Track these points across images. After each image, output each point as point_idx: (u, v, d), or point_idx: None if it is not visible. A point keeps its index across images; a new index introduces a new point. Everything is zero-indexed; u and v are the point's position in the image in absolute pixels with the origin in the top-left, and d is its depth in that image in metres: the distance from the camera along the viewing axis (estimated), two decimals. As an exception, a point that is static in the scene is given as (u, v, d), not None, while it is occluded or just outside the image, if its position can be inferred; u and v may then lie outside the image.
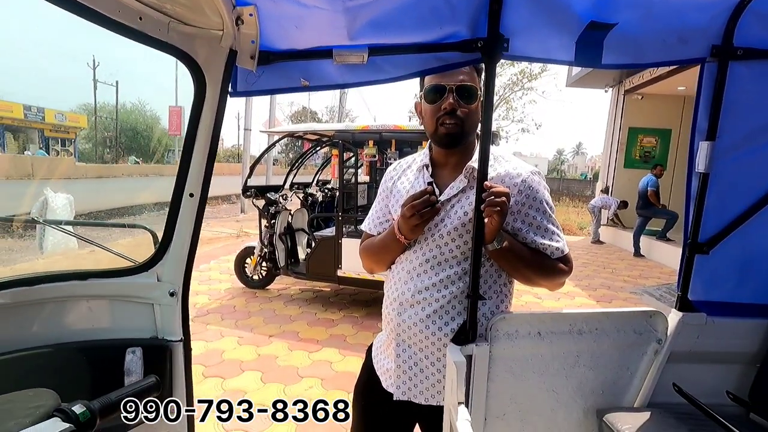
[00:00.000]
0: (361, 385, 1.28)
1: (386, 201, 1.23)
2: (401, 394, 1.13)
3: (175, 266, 1.10)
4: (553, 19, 1.02)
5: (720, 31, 1.11)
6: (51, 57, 77.55)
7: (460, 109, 1.05)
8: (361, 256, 1.25)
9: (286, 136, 5.31)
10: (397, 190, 1.19)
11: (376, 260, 1.20)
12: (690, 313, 1.26)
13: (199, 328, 3.77)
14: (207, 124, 1.02)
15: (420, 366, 1.12)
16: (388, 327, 1.16)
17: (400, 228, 1.06)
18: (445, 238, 1.07)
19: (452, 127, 1.05)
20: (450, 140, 1.08)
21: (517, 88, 19.43)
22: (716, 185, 1.21)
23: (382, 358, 1.20)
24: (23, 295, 0.99)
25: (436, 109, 1.06)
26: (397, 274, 1.14)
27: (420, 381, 1.12)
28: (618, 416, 1.19)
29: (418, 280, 1.09)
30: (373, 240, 1.21)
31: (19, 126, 26.80)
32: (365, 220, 1.28)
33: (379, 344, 1.25)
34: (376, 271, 1.25)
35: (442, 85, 1.05)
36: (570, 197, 22.57)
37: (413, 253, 1.11)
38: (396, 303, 1.12)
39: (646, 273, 6.69)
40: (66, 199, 1.10)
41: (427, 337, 1.09)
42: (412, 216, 0.99)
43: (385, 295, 1.19)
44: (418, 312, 1.09)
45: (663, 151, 9.51)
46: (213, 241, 7.95)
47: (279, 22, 1.00)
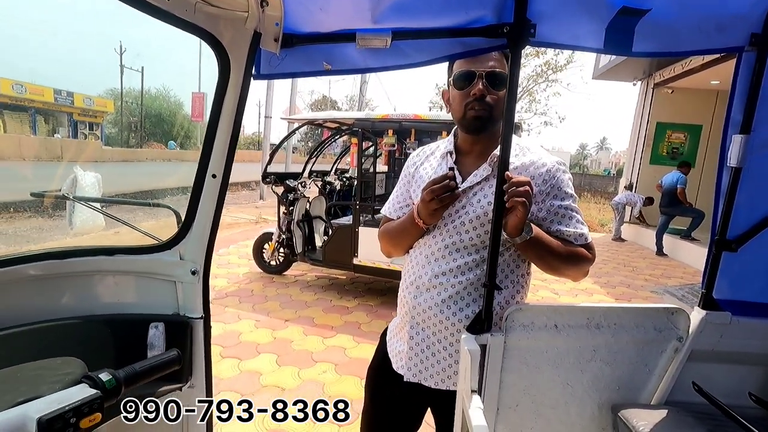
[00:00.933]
0: (374, 367, 1.30)
1: (408, 186, 1.23)
2: (412, 376, 1.15)
3: (197, 245, 1.12)
4: (583, 4, 0.99)
5: (761, 18, 1.06)
6: (80, 42, 79.52)
7: (489, 95, 1.05)
8: (380, 239, 1.25)
9: (306, 123, 5.33)
10: (419, 176, 1.19)
11: (395, 244, 1.21)
12: (714, 312, 1.23)
13: (218, 310, 3.87)
14: (230, 105, 1.03)
15: (432, 350, 1.13)
16: (403, 309, 1.17)
17: (419, 212, 1.06)
18: (466, 225, 1.07)
19: (481, 112, 1.05)
20: (478, 125, 1.07)
21: (541, 80, 19.00)
22: (748, 181, 1.16)
23: (396, 341, 1.22)
24: (54, 268, 1.03)
25: (465, 95, 1.06)
26: (416, 258, 1.14)
27: (431, 364, 1.13)
28: (634, 412, 1.18)
29: (436, 265, 1.09)
30: (392, 223, 1.21)
31: (49, 109, 27.66)
32: (386, 204, 1.28)
33: (393, 327, 1.26)
34: (393, 255, 1.25)
35: (472, 71, 1.05)
36: (592, 193, 22.09)
37: (432, 238, 1.11)
38: (413, 286, 1.13)
39: (669, 272, 6.52)
40: (94, 177, 1.13)
41: (441, 321, 1.09)
42: (431, 200, 1.00)
43: (402, 278, 1.19)
44: (434, 296, 1.09)
45: (692, 147, 9.18)
46: (232, 226, 8.09)
47: (303, 3, 1.00)
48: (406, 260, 1.20)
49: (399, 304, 1.21)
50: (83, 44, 79.48)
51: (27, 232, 7.12)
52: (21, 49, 62.63)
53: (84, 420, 0.68)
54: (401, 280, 1.20)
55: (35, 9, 71.07)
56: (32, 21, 64.86)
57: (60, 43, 69.84)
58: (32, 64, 59.52)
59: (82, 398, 0.68)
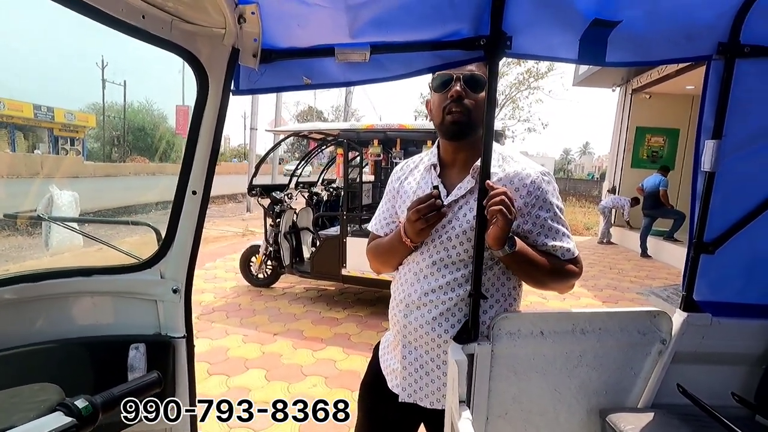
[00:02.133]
0: (367, 383, 1.28)
1: (393, 201, 1.22)
2: (407, 396, 1.13)
3: (179, 263, 1.11)
4: (557, 16, 1.02)
5: (727, 28, 1.10)
6: (61, 57, 78.49)
7: (467, 98, 1.04)
8: (369, 257, 1.24)
9: (292, 135, 5.33)
10: (404, 191, 1.18)
11: (383, 261, 1.20)
12: (695, 314, 1.25)
13: (205, 326, 3.80)
14: (210, 121, 1.03)
15: (426, 369, 1.11)
16: (394, 328, 1.16)
17: (406, 231, 1.05)
18: (453, 240, 1.06)
19: (459, 115, 1.04)
20: (457, 129, 1.06)
21: (523, 88, 19.35)
22: (722, 184, 1.19)
23: (389, 357, 1.20)
24: (28, 291, 1.00)
25: (444, 97, 1.05)
26: (404, 275, 1.13)
27: (425, 384, 1.12)
28: (621, 417, 1.19)
29: (425, 282, 1.08)
30: (380, 241, 1.20)
31: (29, 125, 27.12)
32: (372, 221, 1.27)
33: (386, 344, 1.25)
34: (383, 272, 1.24)
35: (450, 74, 1.05)
36: (577, 197, 22.42)
37: (420, 255, 1.10)
38: (402, 305, 1.12)
39: (653, 274, 6.63)
40: (71, 196, 1.10)
41: (433, 339, 1.08)
42: (417, 220, 0.98)
43: (392, 296, 1.18)
44: (424, 314, 1.08)
45: (671, 150, 9.42)
46: (219, 239, 7.99)
47: (281, 20, 1.00)
48: (395, 277, 1.19)
49: (390, 322, 1.19)
50: (64, 58, 78.53)
51: (6, 251, 6.93)
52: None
53: (58, 450, 0.66)
54: (391, 298, 1.19)
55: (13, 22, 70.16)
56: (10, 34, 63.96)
57: (40, 57, 68.92)
58: (10, 78, 58.51)
59: (56, 427, 0.66)
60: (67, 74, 71.24)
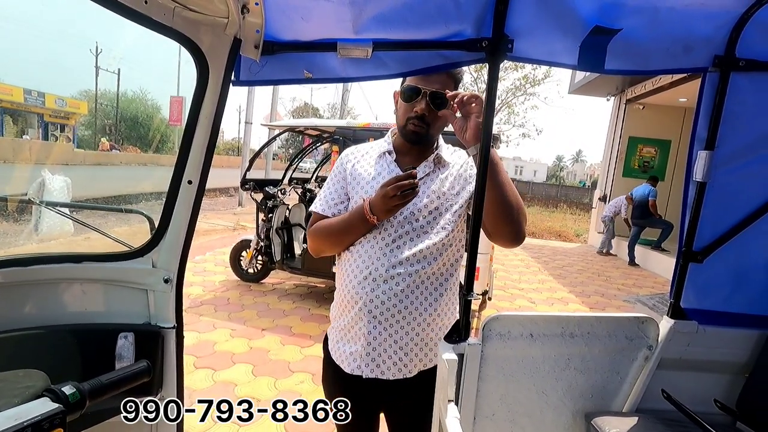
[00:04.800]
0: (328, 380, 1.27)
1: (342, 183, 1.23)
2: (369, 372, 1.13)
3: (171, 253, 1.10)
4: (559, 22, 1.03)
5: (723, 41, 1.12)
6: (54, 41, 77.11)
7: (430, 114, 1.11)
8: (314, 237, 1.21)
9: (287, 130, 5.30)
10: (357, 173, 1.20)
11: (335, 240, 1.18)
12: (681, 321, 1.27)
13: (192, 319, 3.77)
14: (208, 111, 1.02)
15: (391, 340, 1.12)
16: (354, 309, 1.14)
17: (372, 208, 1.07)
18: (416, 215, 1.13)
19: (419, 128, 1.13)
20: (416, 139, 1.15)
21: (519, 93, 19.48)
22: (713, 195, 1.22)
23: (343, 344, 1.19)
24: (16, 275, 0.98)
25: (409, 109, 1.13)
26: (365, 252, 1.13)
27: (389, 356, 1.13)
28: (606, 420, 1.20)
29: (392, 256, 1.11)
30: (331, 221, 1.19)
31: (18, 110, 26.64)
32: (316, 201, 1.25)
33: (336, 332, 1.22)
34: (327, 253, 1.22)
35: (419, 88, 1.10)
36: (568, 204, 22.64)
37: (384, 231, 1.12)
38: (367, 281, 1.11)
39: (640, 282, 6.72)
40: (63, 181, 1.09)
41: (399, 311, 1.11)
42: (394, 196, 1.03)
43: (349, 275, 1.15)
44: (392, 287, 1.10)
45: (662, 161, 9.55)
46: (209, 233, 7.92)
47: (285, 12, 1.00)
48: (345, 258, 1.18)
49: (346, 305, 1.17)
50: (57, 43, 77.14)
51: (-10, 237, 6.79)
52: (-11, 46, 60.37)
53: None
54: (344, 279, 1.17)
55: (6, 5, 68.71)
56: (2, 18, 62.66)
57: (32, 41, 67.63)
58: (1, 61, 57.35)
59: (42, 413, 0.65)
60: (60, 59, 70.07)
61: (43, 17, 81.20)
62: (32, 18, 76.21)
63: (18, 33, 61.20)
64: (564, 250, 9.29)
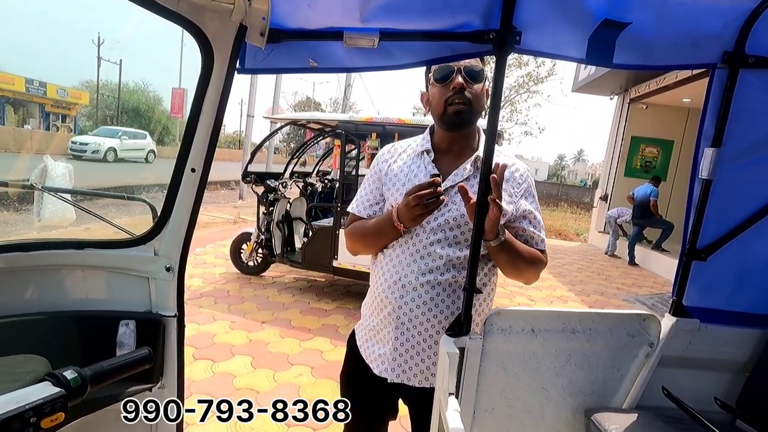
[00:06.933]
0: (350, 375, 1.28)
1: (378, 184, 1.21)
2: (396, 377, 1.14)
3: (173, 241, 1.09)
4: (567, 14, 1.01)
5: (733, 37, 1.11)
6: (56, 31, 76.73)
7: (468, 89, 1.08)
8: (350, 238, 1.22)
9: (289, 123, 5.28)
10: (393, 174, 1.18)
11: (368, 243, 1.18)
12: (683, 319, 1.27)
13: (192, 311, 3.77)
14: (213, 99, 1.01)
15: (417, 348, 1.12)
16: (384, 311, 1.15)
17: (399, 216, 1.05)
18: (450, 223, 1.09)
19: (461, 106, 1.08)
20: (459, 119, 1.10)
21: (522, 91, 19.42)
22: (718, 192, 1.21)
23: (372, 344, 1.20)
24: (18, 261, 0.98)
25: (445, 89, 1.09)
26: (396, 257, 1.13)
27: (415, 363, 1.13)
28: (606, 416, 1.20)
29: (422, 263, 1.10)
30: (364, 223, 1.18)
31: (19, 99, 26.56)
32: (354, 202, 1.25)
33: (366, 332, 1.23)
34: (363, 254, 1.22)
35: (451, 66, 1.09)
36: (568, 203, 22.61)
37: (415, 237, 1.11)
38: (396, 286, 1.11)
39: (640, 282, 6.72)
40: (66, 168, 1.09)
41: (428, 319, 1.10)
42: (416, 206, 0.99)
43: (380, 280, 1.16)
44: (421, 295, 1.09)
45: (664, 161, 9.52)
46: (210, 225, 7.92)
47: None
48: (379, 261, 1.18)
49: (376, 306, 1.18)
50: (59, 33, 76.79)
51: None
52: (-9, 35, 60.16)
53: (45, 420, 0.65)
54: (377, 281, 1.18)
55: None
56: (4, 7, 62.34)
57: (34, 31, 67.35)
58: (3, 51, 57.12)
59: (43, 397, 0.65)
60: (62, 49, 69.82)
61: (46, 6, 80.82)
62: (34, 7, 75.88)
63: (20, 22, 60.98)
64: (564, 249, 9.29)
